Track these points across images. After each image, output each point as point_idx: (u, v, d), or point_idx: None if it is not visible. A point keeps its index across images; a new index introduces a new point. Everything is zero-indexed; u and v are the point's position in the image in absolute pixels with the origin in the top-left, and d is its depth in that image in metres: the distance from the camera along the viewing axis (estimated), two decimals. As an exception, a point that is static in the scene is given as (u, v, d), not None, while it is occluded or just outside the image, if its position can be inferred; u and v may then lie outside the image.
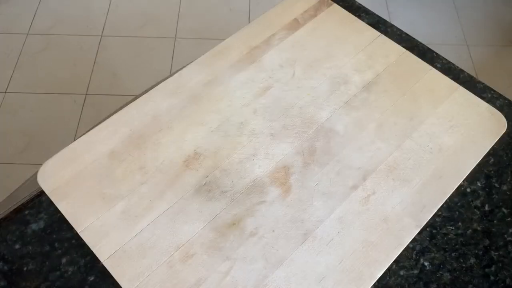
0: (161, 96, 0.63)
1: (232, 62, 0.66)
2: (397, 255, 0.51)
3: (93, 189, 0.55)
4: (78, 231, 0.52)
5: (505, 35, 1.74)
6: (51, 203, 0.54)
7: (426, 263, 0.52)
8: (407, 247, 0.53)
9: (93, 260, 0.51)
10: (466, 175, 0.57)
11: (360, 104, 0.62)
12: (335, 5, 0.72)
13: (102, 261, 0.50)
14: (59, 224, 0.54)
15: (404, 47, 0.68)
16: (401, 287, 0.51)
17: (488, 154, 0.60)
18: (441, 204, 0.55)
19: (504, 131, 0.60)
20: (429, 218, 0.54)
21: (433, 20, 1.76)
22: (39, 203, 0.56)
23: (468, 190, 0.58)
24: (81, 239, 0.52)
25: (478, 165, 0.58)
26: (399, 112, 0.62)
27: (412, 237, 0.52)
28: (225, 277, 0.49)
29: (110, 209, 0.53)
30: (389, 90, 0.64)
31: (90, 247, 0.51)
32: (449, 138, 0.59)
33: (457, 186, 0.56)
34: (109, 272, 0.50)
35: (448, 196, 0.55)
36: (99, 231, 0.52)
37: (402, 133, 0.60)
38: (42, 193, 0.55)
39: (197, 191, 0.55)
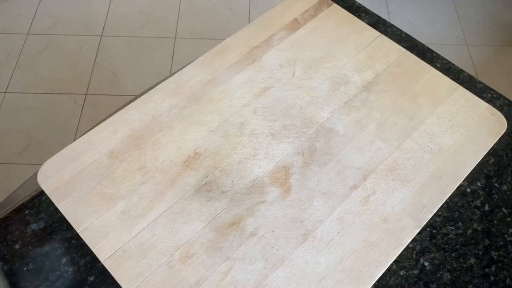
0: (161, 96, 0.63)
1: (232, 62, 0.66)
2: (397, 255, 0.51)
3: (93, 189, 0.55)
4: (78, 231, 0.52)
5: (505, 35, 1.74)
6: (51, 203, 0.54)
7: (426, 263, 0.52)
8: (407, 247, 0.53)
9: (93, 260, 0.51)
10: (466, 175, 0.57)
11: (360, 104, 0.62)
12: (335, 5, 0.72)
13: (102, 261, 0.50)
14: (59, 224, 0.54)
15: (404, 47, 0.68)
16: (401, 287, 0.51)
17: (488, 154, 0.60)
18: (441, 204, 0.55)
19: (504, 131, 0.60)
20: (429, 218, 0.54)
21: (433, 20, 1.76)
22: (39, 203, 0.56)
23: (468, 190, 0.58)
24: (81, 239, 0.52)
25: (478, 165, 0.58)
26: (399, 112, 0.62)
27: (412, 237, 0.52)
28: (225, 277, 0.49)
29: (110, 209, 0.53)
30: (389, 90, 0.64)
31: (90, 247, 0.51)
32: (449, 138, 0.59)
33: (457, 186, 0.56)
34: (109, 272, 0.50)
35: (448, 196, 0.55)
36: (99, 231, 0.52)
37: (402, 133, 0.60)
38: (42, 193, 0.55)
39: (197, 191, 0.55)
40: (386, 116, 0.61)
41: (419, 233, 0.53)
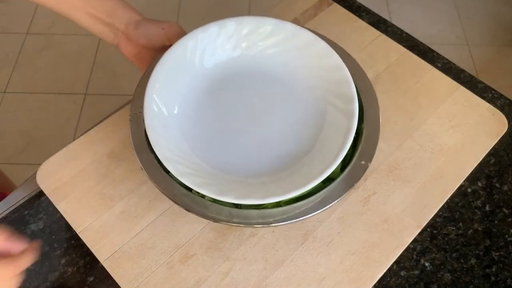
0: (161, 96, 0.62)
1: (232, 61, 0.66)
2: (397, 256, 0.51)
3: (92, 189, 0.54)
4: (77, 232, 0.52)
5: (506, 35, 1.74)
6: (50, 203, 0.54)
7: (426, 264, 0.52)
8: (408, 247, 0.52)
9: (93, 260, 0.51)
10: (467, 175, 0.57)
11: (360, 104, 0.62)
12: (336, 5, 0.72)
13: (101, 262, 0.50)
14: (58, 225, 0.54)
15: (404, 46, 0.68)
16: (401, 288, 0.51)
17: (489, 154, 0.59)
18: (441, 204, 0.55)
19: (505, 131, 0.60)
20: (429, 218, 0.54)
21: (433, 19, 1.76)
22: (38, 203, 0.55)
23: (469, 190, 0.57)
24: (81, 239, 0.52)
25: (479, 165, 0.58)
26: (399, 112, 0.61)
27: (413, 238, 0.52)
28: (225, 277, 0.49)
29: (109, 209, 0.53)
30: (389, 90, 0.63)
31: (90, 248, 0.51)
32: (450, 138, 0.59)
33: (458, 186, 0.56)
34: (108, 273, 0.49)
35: (449, 196, 0.55)
36: (99, 231, 0.52)
37: (403, 133, 0.60)
38: (41, 193, 0.55)
39: (197, 191, 0.55)
40: (386, 116, 0.61)
41: (419, 234, 0.53)
